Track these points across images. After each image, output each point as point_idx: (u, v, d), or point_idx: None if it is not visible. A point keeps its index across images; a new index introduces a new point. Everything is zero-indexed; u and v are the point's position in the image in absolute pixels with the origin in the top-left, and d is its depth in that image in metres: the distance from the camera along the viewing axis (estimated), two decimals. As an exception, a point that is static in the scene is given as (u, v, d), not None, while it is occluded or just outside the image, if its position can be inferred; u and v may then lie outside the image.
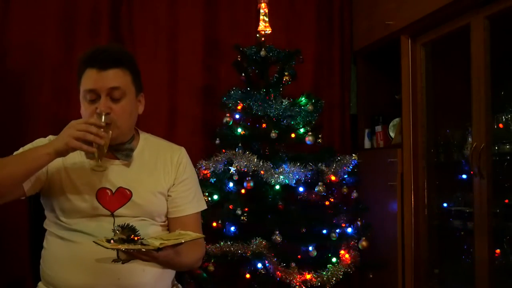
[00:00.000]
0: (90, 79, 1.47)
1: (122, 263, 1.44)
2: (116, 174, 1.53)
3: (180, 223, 1.60)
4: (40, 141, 1.55)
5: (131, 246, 1.25)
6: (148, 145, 1.64)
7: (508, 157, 2.20)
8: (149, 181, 1.56)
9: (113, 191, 1.50)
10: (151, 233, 1.53)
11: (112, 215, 1.48)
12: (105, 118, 1.41)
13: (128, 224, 1.48)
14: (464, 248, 2.40)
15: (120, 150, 1.54)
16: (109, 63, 1.47)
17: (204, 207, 1.69)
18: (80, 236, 1.46)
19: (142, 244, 1.29)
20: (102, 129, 1.36)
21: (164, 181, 1.59)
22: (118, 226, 1.46)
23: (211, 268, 2.23)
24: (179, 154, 1.65)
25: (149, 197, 1.55)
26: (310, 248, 2.32)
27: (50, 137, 1.58)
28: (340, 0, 3.07)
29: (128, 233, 1.47)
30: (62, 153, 1.36)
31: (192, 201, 1.63)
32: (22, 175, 1.39)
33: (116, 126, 1.47)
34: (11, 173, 1.37)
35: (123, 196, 1.51)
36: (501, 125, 2.20)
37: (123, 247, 1.25)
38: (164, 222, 1.61)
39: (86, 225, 1.46)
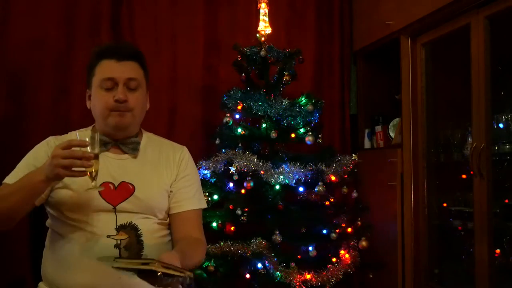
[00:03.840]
0: (108, 68, 1.53)
1: None
2: (119, 169, 1.54)
3: (181, 219, 1.61)
4: (39, 149, 1.57)
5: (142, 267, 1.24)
6: (151, 143, 1.67)
7: (508, 157, 2.19)
8: (152, 177, 1.58)
9: (116, 185, 1.52)
10: (153, 230, 1.54)
11: (114, 210, 1.49)
12: (122, 106, 1.48)
13: (130, 223, 1.49)
14: (464, 248, 2.40)
15: (127, 143, 1.57)
16: (127, 55, 1.55)
17: (205, 205, 1.71)
18: (82, 234, 1.46)
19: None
20: (88, 149, 1.31)
21: (167, 178, 1.61)
22: (120, 225, 1.47)
23: (211, 268, 2.23)
24: (181, 152, 1.69)
25: (152, 192, 1.56)
26: (310, 248, 2.32)
27: (49, 139, 1.59)
28: (340, 0, 3.06)
29: (130, 231, 1.48)
30: (56, 180, 1.37)
31: (193, 198, 1.65)
32: (26, 204, 1.42)
33: (133, 115, 1.54)
34: (15, 205, 1.39)
35: (125, 190, 1.52)
36: (501, 125, 2.20)
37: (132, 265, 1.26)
38: (166, 220, 1.62)
39: (88, 220, 1.46)
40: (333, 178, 2.37)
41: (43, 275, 1.53)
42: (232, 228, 2.36)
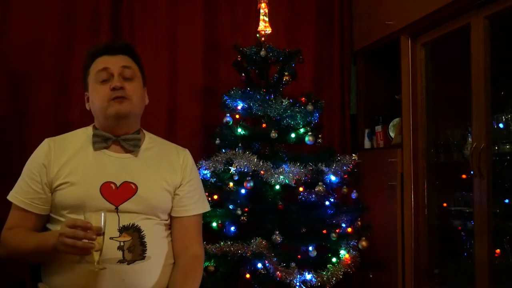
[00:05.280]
0: (102, 61, 1.54)
1: (128, 264, 1.44)
2: (122, 168, 1.54)
3: (183, 223, 1.62)
4: (37, 155, 1.56)
5: None
6: (154, 144, 1.67)
7: (508, 157, 2.19)
8: (155, 177, 1.58)
9: (118, 185, 1.51)
10: (155, 231, 1.54)
11: (117, 210, 1.48)
12: (119, 92, 1.49)
13: (133, 224, 1.48)
14: (464, 248, 2.40)
15: (128, 139, 1.57)
16: (119, 50, 1.57)
17: (208, 208, 1.72)
18: None
19: None
20: (91, 232, 1.32)
21: (170, 179, 1.61)
22: (123, 227, 1.46)
23: (211, 268, 2.23)
24: (184, 156, 1.69)
25: (155, 191, 1.56)
26: (310, 248, 2.32)
27: (46, 141, 1.58)
28: (340, 0, 3.06)
29: (133, 233, 1.48)
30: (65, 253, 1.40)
31: (197, 202, 1.66)
32: (39, 260, 1.53)
33: (131, 102, 1.53)
34: (31, 261, 1.56)
35: (127, 190, 1.51)
36: (501, 125, 2.20)
37: None
38: (167, 220, 1.62)
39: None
40: (333, 178, 2.37)
41: (43, 276, 1.53)
42: (232, 228, 2.36)
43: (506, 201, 2.23)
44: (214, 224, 2.37)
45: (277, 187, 2.33)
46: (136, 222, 1.49)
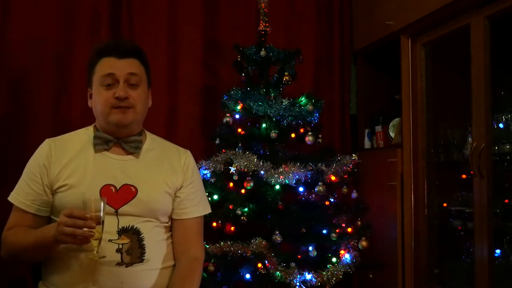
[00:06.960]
0: (108, 65, 1.51)
1: (126, 266, 1.44)
2: (121, 170, 1.53)
3: (184, 226, 1.61)
4: (38, 155, 1.55)
5: None
6: (155, 145, 1.66)
7: (508, 157, 2.20)
8: (156, 179, 1.57)
9: (118, 188, 1.50)
10: (155, 234, 1.53)
11: (116, 213, 1.48)
12: (123, 102, 1.48)
13: (132, 226, 1.47)
14: (464, 248, 2.40)
15: (129, 142, 1.56)
16: (127, 52, 1.54)
17: (209, 210, 1.71)
18: None
19: None
20: (91, 220, 1.31)
21: (171, 182, 1.59)
22: (122, 229, 1.46)
23: (211, 268, 2.23)
24: (186, 157, 1.68)
25: (155, 194, 1.55)
26: (310, 248, 2.32)
27: (45, 142, 1.58)
28: (340, 0, 3.06)
29: (132, 235, 1.47)
30: (64, 244, 1.38)
31: (199, 204, 1.65)
32: (42, 256, 1.49)
33: (135, 111, 1.52)
34: (32, 258, 1.53)
35: (127, 193, 1.50)
36: (501, 125, 2.20)
37: None
38: (168, 223, 1.61)
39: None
40: (333, 178, 2.37)
41: (43, 276, 1.53)
42: (232, 228, 2.36)
43: (506, 201, 2.23)
44: (214, 224, 2.37)
45: (277, 187, 2.33)
46: (136, 224, 1.49)
